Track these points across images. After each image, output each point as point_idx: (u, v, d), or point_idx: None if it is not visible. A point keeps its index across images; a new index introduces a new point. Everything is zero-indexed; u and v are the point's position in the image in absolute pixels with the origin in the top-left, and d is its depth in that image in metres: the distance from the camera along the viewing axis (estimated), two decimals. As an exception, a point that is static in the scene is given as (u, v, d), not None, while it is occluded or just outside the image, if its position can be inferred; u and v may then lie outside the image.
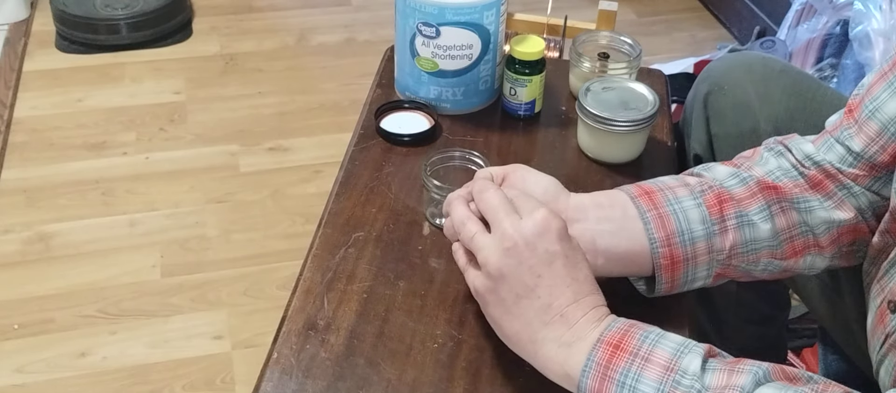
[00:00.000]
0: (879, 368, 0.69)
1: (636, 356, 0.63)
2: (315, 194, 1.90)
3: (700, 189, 0.77)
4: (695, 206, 0.76)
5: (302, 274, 0.87)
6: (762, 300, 1.20)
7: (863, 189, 0.78)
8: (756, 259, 0.78)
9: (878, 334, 0.70)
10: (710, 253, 0.76)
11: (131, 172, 1.96)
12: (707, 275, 0.78)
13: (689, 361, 0.62)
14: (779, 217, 0.77)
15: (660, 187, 0.78)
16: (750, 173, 0.79)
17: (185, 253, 1.75)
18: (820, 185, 0.79)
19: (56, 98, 2.21)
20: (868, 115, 0.76)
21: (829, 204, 0.78)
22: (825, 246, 0.79)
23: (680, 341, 0.64)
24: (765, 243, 0.77)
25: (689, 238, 0.75)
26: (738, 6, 2.53)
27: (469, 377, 0.76)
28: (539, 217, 0.67)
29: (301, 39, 2.52)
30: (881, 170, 0.77)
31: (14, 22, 2.48)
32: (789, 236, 0.78)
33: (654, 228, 0.75)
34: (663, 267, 0.76)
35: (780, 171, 0.79)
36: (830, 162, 0.79)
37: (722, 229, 0.76)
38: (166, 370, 1.50)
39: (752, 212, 0.76)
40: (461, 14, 1.04)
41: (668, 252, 0.75)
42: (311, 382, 0.75)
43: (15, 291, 1.65)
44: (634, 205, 0.76)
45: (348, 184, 0.99)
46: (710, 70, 1.08)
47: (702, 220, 0.75)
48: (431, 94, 1.11)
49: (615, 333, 0.65)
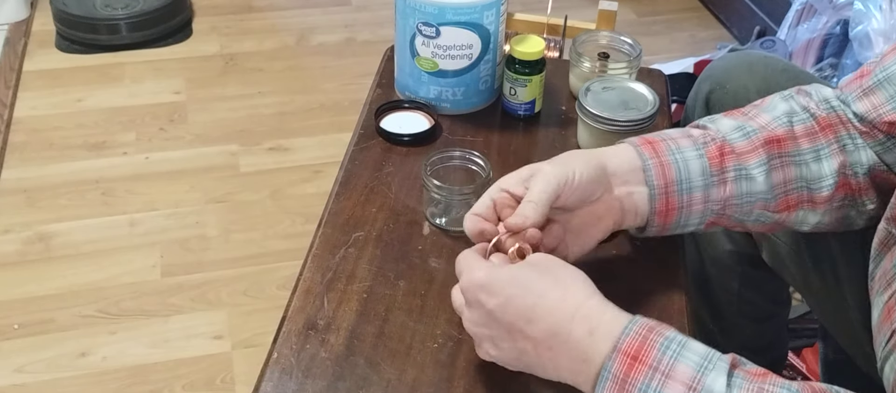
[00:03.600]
0: (884, 364, 0.68)
1: (657, 371, 0.60)
2: (315, 194, 1.90)
3: (703, 141, 0.78)
4: (696, 157, 0.77)
5: (302, 274, 0.87)
6: (763, 298, 1.20)
7: (866, 145, 0.79)
8: (750, 210, 0.79)
9: (884, 330, 0.69)
10: (705, 203, 0.77)
11: (131, 172, 1.96)
12: (699, 222, 0.79)
13: (714, 379, 0.59)
14: (777, 171, 0.78)
15: (663, 138, 0.79)
16: (755, 124, 0.79)
17: (185, 253, 1.74)
18: (829, 128, 0.79)
19: (56, 98, 2.21)
20: (876, 83, 0.78)
21: (829, 151, 0.79)
22: (819, 202, 0.80)
23: (703, 354, 0.61)
24: (759, 196, 0.78)
25: (687, 188, 0.76)
26: (738, 6, 2.53)
27: (469, 377, 0.76)
28: (464, 283, 0.69)
29: (301, 39, 2.52)
30: (884, 134, 0.78)
31: (14, 22, 2.48)
32: (784, 191, 0.79)
33: (654, 176, 0.76)
34: (657, 212, 0.77)
35: (787, 116, 0.79)
36: (845, 110, 0.80)
37: (720, 181, 0.77)
38: (166, 370, 1.50)
39: (752, 165, 0.77)
40: (461, 14, 1.04)
41: (664, 200, 0.77)
42: (311, 382, 0.75)
43: (15, 291, 1.65)
44: (637, 153, 0.77)
45: (348, 184, 0.99)
46: (711, 69, 1.08)
47: (702, 172, 0.77)
48: (431, 94, 1.11)
49: (632, 339, 0.62)
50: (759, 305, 1.20)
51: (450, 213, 0.93)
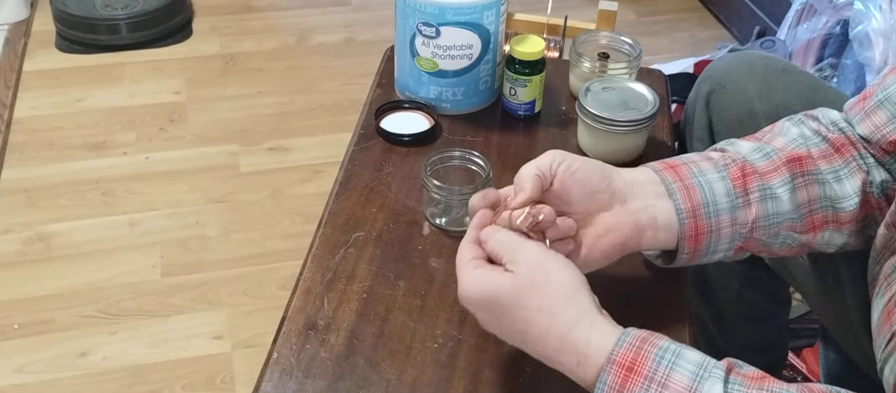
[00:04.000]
0: (884, 366, 0.68)
1: (652, 382, 0.60)
2: (315, 194, 1.90)
3: (723, 163, 0.77)
4: (719, 178, 0.76)
5: (302, 274, 0.87)
6: (763, 298, 1.20)
7: (877, 164, 0.79)
8: (776, 232, 0.78)
9: (884, 332, 0.69)
10: (733, 226, 0.76)
11: (131, 172, 1.96)
12: (728, 247, 0.77)
13: (710, 387, 0.59)
14: (801, 190, 0.77)
15: (684, 161, 0.78)
16: (773, 146, 0.79)
17: (185, 253, 1.74)
18: (842, 149, 0.79)
19: (56, 98, 2.21)
20: (877, 103, 0.78)
21: (849, 170, 0.79)
22: (845, 222, 0.79)
23: (698, 362, 0.61)
24: (786, 216, 0.77)
25: (714, 210, 0.75)
26: (738, 6, 2.53)
27: (469, 377, 0.76)
28: (462, 295, 0.69)
29: (301, 39, 2.52)
30: (889, 154, 0.78)
31: (14, 22, 2.48)
32: (809, 210, 0.78)
33: (680, 199, 0.75)
34: (687, 238, 0.75)
35: (802, 138, 0.79)
36: (852, 132, 0.80)
37: (745, 202, 0.76)
38: (166, 370, 1.50)
39: (776, 185, 0.76)
40: (461, 14, 1.04)
41: (693, 224, 0.75)
42: (311, 382, 0.75)
43: (15, 291, 1.65)
44: (660, 178, 0.76)
45: (348, 184, 0.99)
46: (712, 69, 1.08)
47: (726, 193, 0.75)
48: (431, 94, 1.11)
49: (627, 351, 0.62)
50: (760, 305, 1.20)
51: (450, 213, 0.93)
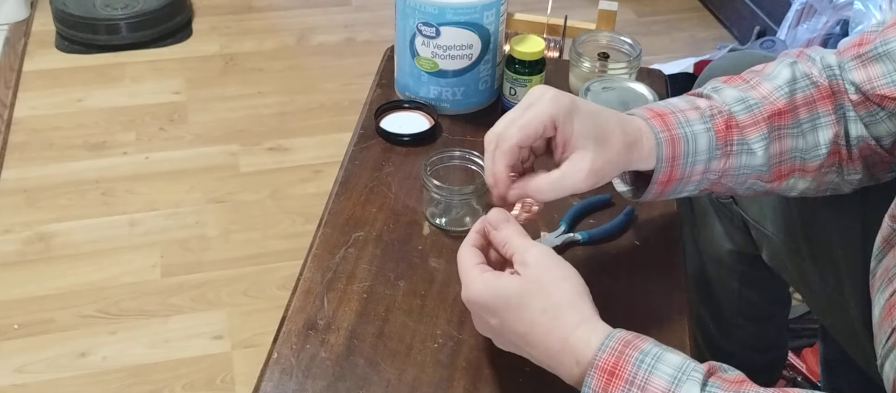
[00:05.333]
0: (884, 362, 0.68)
1: (632, 385, 0.62)
2: (315, 194, 1.90)
3: (710, 113, 0.78)
4: (704, 131, 0.77)
5: (302, 274, 0.87)
6: (763, 298, 1.20)
7: (857, 117, 0.79)
8: (744, 180, 0.80)
9: (885, 328, 0.69)
10: (704, 173, 0.78)
11: (131, 172, 1.96)
12: (694, 189, 0.80)
13: (687, 390, 0.60)
14: (775, 143, 0.78)
15: (672, 110, 0.78)
16: (757, 95, 0.79)
17: (185, 253, 1.74)
18: (829, 97, 0.79)
19: (56, 98, 2.21)
20: (875, 55, 0.77)
21: (827, 120, 0.79)
22: (810, 171, 0.80)
23: (677, 365, 0.62)
24: (756, 169, 0.79)
25: (693, 161, 0.77)
26: (738, 6, 2.53)
27: (469, 377, 0.76)
28: (467, 296, 0.70)
29: (301, 39, 2.52)
30: (875, 105, 0.77)
31: (14, 22, 2.48)
32: (779, 162, 0.79)
33: (664, 149, 0.75)
34: (659, 181, 0.77)
35: (789, 85, 0.79)
36: (844, 79, 0.79)
37: (722, 154, 0.77)
38: (166, 370, 1.50)
39: (753, 140, 0.77)
40: (461, 14, 1.04)
41: (668, 172, 0.77)
42: (311, 382, 0.75)
43: (15, 291, 1.65)
44: (648, 126, 0.76)
45: (348, 184, 0.99)
46: (712, 69, 1.08)
47: (708, 147, 0.77)
48: (431, 94, 1.11)
49: (609, 356, 0.63)
50: (759, 305, 1.20)
51: (450, 213, 0.93)
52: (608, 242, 0.92)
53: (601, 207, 0.97)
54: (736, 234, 1.10)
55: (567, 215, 0.94)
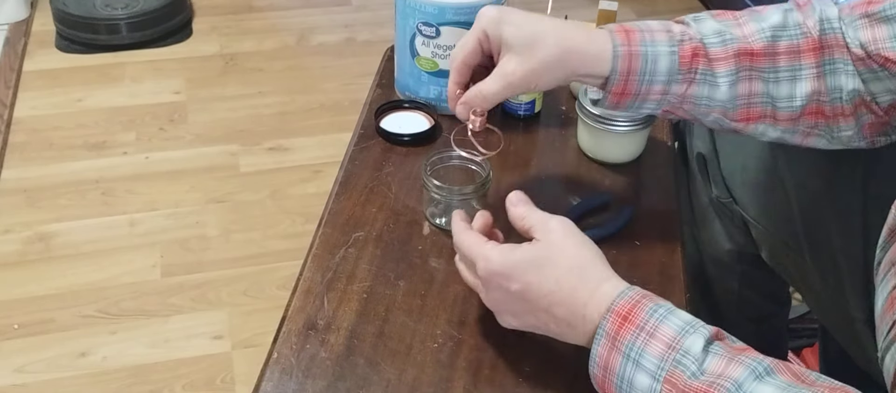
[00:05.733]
0: (885, 354, 0.68)
1: (642, 330, 0.64)
2: (315, 194, 1.90)
3: (679, 39, 0.78)
4: (668, 53, 0.77)
5: (302, 274, 0.87)
6: (763, 298, 1.20)
7: (855, 72, 0.78)
8: (707, 112, 0.80)
9: (886, 320, 0.69)
10: (663, 94, 0.79)
11: (131, 172, 1.96)
12: (655, 108, 0.81)
13: (693, 341, 0.63)
14: (743, 83, 0.78)
15: (640, 28, 0.80)
16: (737, 32, 0.79)
17: (185, 253, 1.75)
18: (817, 50, 0.78)
19: (56, 98, 2.21)
20: (883, 16, 0.76)
21: (808, 74, 0.78)
22: (781, 120, 0.80)
23: (687, 320, 0.65)
24: (719, 103, 0.79)
25: (649, 80, 0.78)
26: (737, 6, 2.53)
27: (469, 377, 0.76)
28: (481, 269, 0.72)
29: (301, 39, 2.52)
30: (878, 65, 0.76)
31: (14, 22, 2.49)
32: (747, 103, 0.79)
33: (619, 62, 0.77)
34: (613, 93, 0.79)
35: (773, 30, 0.79)
36: (845, 33, 0.78)
37: (684, 79, 0.78)
38: (166, 370, 1.50)
39: (720, 73, 0.78)
40: (461, 14, 1.04)
41: (622, 85, 0.78)
42: (311, 382, 0.75)
43: (15, 291, 1.65)
44: (610, 39, 0.78)
45: (348, 184, 0.99)
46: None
47: (669, 70, 0.77)
48: (431, 94, 1.11)
49: (626, 302, 0.67)
50: (759, 304, 1.20)
51: (450, 213, 0.93)
52: (608, 241, 0.92)
53: (601, 207, 0.97)
54: (736, 233, 1.10)
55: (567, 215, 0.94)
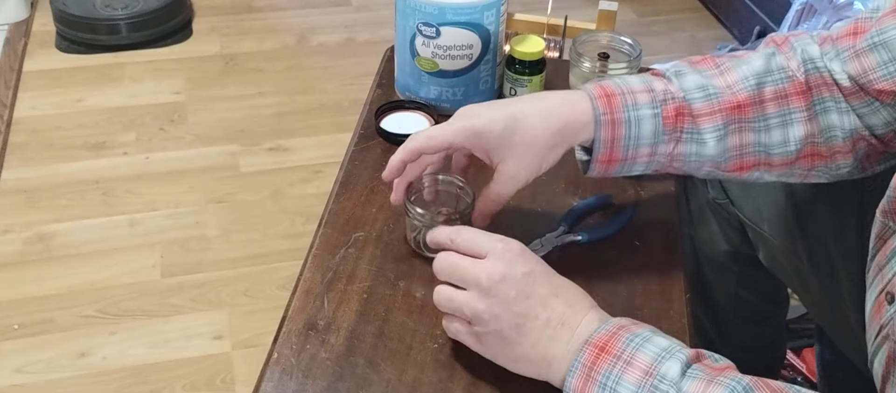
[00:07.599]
0: (874, 358, 0.69)
1: (619, 359, 0.64)
2: (315, 194, 1.90)
3: (662, 98, 0.78)
4: (651, 116, 0.77)
5: (302, 274, 0.87)
6: (761, 299, 1.20)
7: (849, 108, 0.77)
8: (698, 167, 0.80)
9: (873, 325, 0.69)
10: (651, 156, 0.79)
11: (131, 172, 1.96)
12: (645, 169, 0.81)
13: (669, 366, 0.63)
14: (733, 136, 0.78)
15: (621, 91, 0.78)
16: (720, 83, 0.78)
17: (185, 253, 1.75)
18: (806, 93, 0.78)
19: (56, 98, 2.21)
20: (870, 46, 0.75)
21: (800, 117, 0.77)
22: (776, 165, 0.80)
23: (664, 346, 0.65)
24: (708, 159, 0.79)
25: (635, 144, 0.78)
26: (738, 6, 2.53)
27: (469, 377, 0.77)
28: (499, 249, 0.71)
29: (301, 39, 2.52)
30: (870, 96, 0.76)
31: (14, 22, 2.49)
32: (739, 154, 0.79)
33: (602, 131, 0.77)
34: (599, 161, 0.79)
35: (758, 77, 0.78)
36: (831, 71, 0.77)
37: (670, 139, 0.78)
38: (166, 370, 1.50)
39: (706, 130, 0.77)
40: (461, 14, 1.04)
41: (608, 153, 0.78)
42: (311, 382, 0.75)
43: (15, 291, 1.65)
44: (592, 106, 0.78)
45: (348, 184, 0.99)
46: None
47: (654, 133, 0.77)
48: (431, 94, 1.11)
49: (604, 335, 0.67)
50: (757, 305, 1.20)
51: None
52: (608, 241, 0.92)
53: (601, 207, 0.97)
54: (732, 234, 1.10)
55: (567, 216, 0.94)
